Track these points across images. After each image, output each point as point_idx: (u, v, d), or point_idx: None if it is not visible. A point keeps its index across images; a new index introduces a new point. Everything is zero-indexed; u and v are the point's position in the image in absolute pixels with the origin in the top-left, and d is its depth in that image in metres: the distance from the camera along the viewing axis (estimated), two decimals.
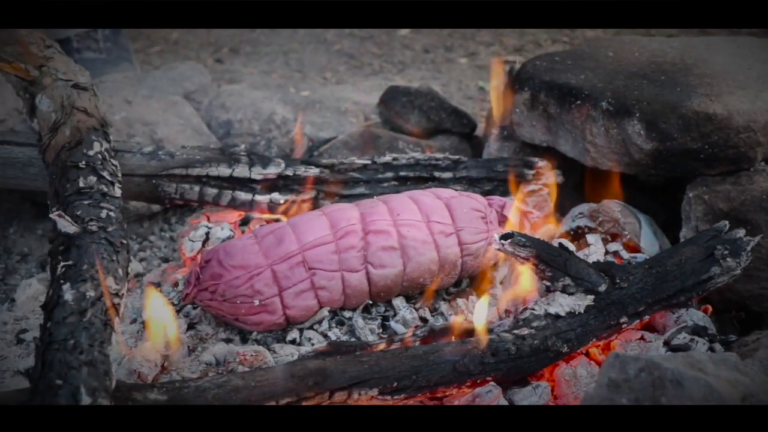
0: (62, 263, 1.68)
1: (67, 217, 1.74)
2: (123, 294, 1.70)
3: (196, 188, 2.29)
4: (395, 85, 3.00)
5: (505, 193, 2.37)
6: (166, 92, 3.01)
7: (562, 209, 2.45)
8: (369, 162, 2.38)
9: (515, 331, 1.84)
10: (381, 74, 3.91)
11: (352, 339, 1.97)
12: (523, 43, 4.23)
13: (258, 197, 2.30)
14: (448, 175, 2.39)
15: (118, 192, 1.94)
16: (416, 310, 2.05)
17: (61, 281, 1.64)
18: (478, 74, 3.93)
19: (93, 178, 1.91)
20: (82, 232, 1.74)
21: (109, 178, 1.95)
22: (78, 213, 1.80)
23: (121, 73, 3.17)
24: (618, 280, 1.91)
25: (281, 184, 2.32)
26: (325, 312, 1.99)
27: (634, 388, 1.42)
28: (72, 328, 1.53)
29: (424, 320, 2.04)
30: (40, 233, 2.58)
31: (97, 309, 1.60)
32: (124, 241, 1.79)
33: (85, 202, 1.84)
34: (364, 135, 2.80)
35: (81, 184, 1.88)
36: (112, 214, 1.83)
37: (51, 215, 1.76)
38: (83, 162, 1.95)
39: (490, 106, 2.75)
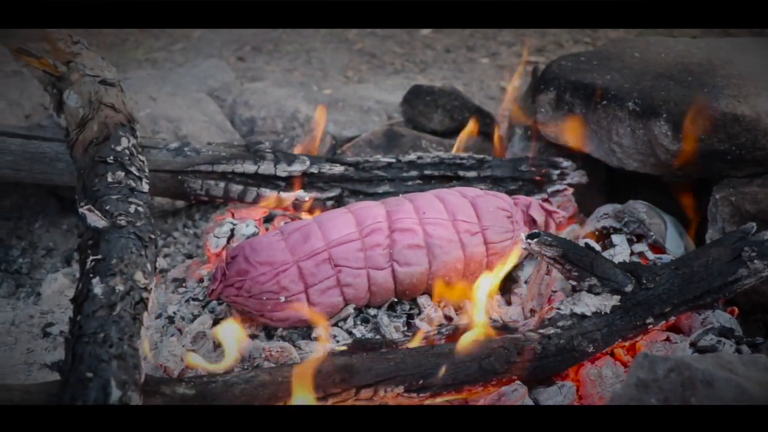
0: (91, 257, 1.69)
1: (96, 212, 1.74)
2: (151, 288, 1.70)
3: (222, 185, 2.30)
4: (419, 84, 3.00)
5: (530, 192, 2.37)
6: (189, 89, 3.03)
7: (586, 209, 2.45)
8: (393, 160, 2.38)
9: (541, 331, 1.84)
10: (403, 73, 3.91)
11: (377, 336, 1.97)
12: (545, 44, 4.22)
13: (283, 194, 2.31)
14: (472, 174, 2.39)
15: (145, 187, 1.94)
16: (441, 308, 2.05)
17: (91, 275, 1.64)
18: (500, 74, 3.93)
19: (121, 174, 1.91)
20: (111, 227, 1.74)
21: (137, 174, 1.95)
22: (107, 208, 1.80)
23: None
24: (644, 281, 1.91)
25: (306, 181, 2.32)
26: (350, 309, 2.00)
27: (664, 388, 1.42)
28: (102, 322, 1.54)
29: (448, 318, 2.04)
30: (65, 228, 2.60)
31: (127, 303, 1.60)
32: (153, 236, 1.80)
33: (114, 197, 1.84)
34: (387, 133, 2.80)
35: (109, 179, 1.89)
36: (140, 209, 1.84)
37: (81, 209, 1.76)
38: (111, 157, 1.95)
39: (512, 106, 2.76)
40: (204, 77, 3.15)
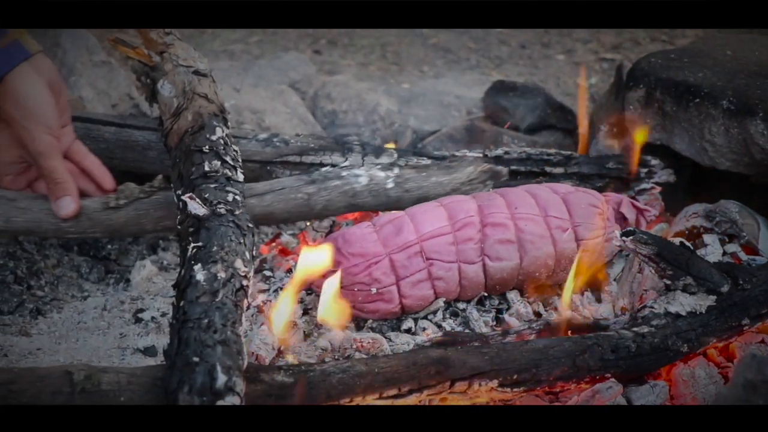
0: (192, 244, 1.72)
1: (197, 200, 1.77)
2: (251, 276, 1.72)
3: None
4: (501, 79, 2.99)
5: (617, 190, 2.35)
6: (272, 81, 3.05)
7: (671, 209, 2.42)
8: (480, 155, 2.37)
9: (635, 329, 1.83)
10: (478, 69, 3.90)
11: (466, 330, 1.97)
12: (621, 41, 4.18)
13: None
14: (559, 170, 2.37)
15: (240, 177, 1.96)
16: (530, 304, 2.05)
17: (192, 262, 1.67)
18: (576, 71, 3.90)
19: (217, 163, 1.93)
20: (211, 215, 1.77)
21: (232, 163, 1.97)
22: (206, 196, 1.82)
23: None
24: (741, 281, 1.88)
25: None
26: (440, 302, 2.00)
27: None
28: (205, 308, 1.56)
29: (537, 314, 2.03)
30: None
31: (228, 290, 1.62)
32: (250, 225, 1.82)
33: (212, 186, 1.86)
34: (468, 128, 2.80)
35: (206, 168, 1.91)
36: (237, 197, 1.86)
37: (182, 197, 1.79)
38: (207, 147, 1.97)
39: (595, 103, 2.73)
40: (285, 69, 3.17)
